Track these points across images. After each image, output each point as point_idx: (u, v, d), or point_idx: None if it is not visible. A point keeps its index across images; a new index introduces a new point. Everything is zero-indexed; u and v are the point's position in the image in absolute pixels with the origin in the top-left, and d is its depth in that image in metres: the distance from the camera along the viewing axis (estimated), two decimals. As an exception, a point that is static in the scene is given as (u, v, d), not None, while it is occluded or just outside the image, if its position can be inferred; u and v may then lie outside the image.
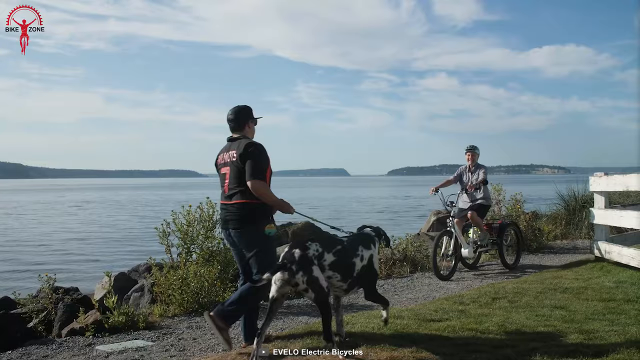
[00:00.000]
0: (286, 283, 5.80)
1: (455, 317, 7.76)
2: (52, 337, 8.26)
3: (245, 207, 6.58)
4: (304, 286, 5.79)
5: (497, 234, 12.68)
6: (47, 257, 25.58)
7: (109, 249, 28.03)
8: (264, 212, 6.63)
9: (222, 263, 9.35)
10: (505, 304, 8.61)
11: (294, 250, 5.93)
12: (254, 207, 6.57)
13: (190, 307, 8.76)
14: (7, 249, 28.56)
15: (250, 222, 6.57)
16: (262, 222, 6.58)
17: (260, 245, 6.49)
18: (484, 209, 12.58)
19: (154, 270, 9.19)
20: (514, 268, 12.44)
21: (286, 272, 5.78)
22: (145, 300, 9.90)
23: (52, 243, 31.27)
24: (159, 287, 8.99)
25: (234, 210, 6.62)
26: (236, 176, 6.63)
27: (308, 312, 8.79)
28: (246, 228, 6.57)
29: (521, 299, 8.90)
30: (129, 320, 7.98)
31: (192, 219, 9.49)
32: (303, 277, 5.77)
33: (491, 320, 7.51)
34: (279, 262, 5.92)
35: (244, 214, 6.57)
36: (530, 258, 14.00)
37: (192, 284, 8.68)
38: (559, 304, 8.50)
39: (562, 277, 10.78)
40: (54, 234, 36.66)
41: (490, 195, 12.98)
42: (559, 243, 16.44)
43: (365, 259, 6.45)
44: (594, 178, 12.36)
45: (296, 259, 5.84)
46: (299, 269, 5.79)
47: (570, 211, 18.66)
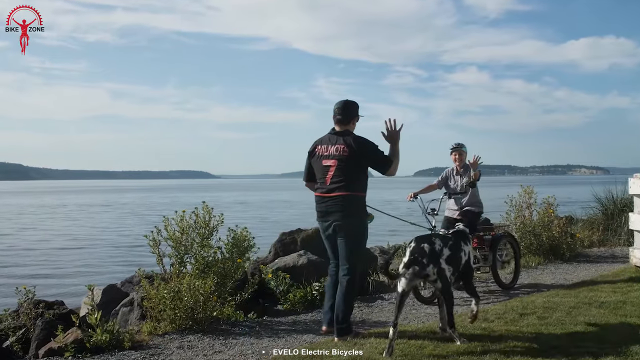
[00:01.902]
0: (416, 276, 6.91)
1: (477, 336, 7.46)
2: (29, 357, 8.01)
3: (349, 199, 7.53)
4: (434, 277, 6.90)
5: (489, 248, 11.38)
6: (38, 266, 25.37)
7: (108, 257, 27.71)
8: (364, 204, 7.73)
9: (220, 274, 9.01)
10: (534, 320, 8.28)
11: (423, 244, 6.98)
12: (357, 199, 7.60)
13: (183, 324, 8.42)
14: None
15: (354, 214, 7.58)
16: (364, 213, 7.70)
17: (362, 235, 7.69)
18: (475, 216, 11.17)
19: (143, 283, 8.84)
20: (510, 288, 11.17)
21: (417, 266, 6.82)
22: (134, 315, 9.63)
23: (47, 250, 31.10)
24: (149, 302, 8.67)
25: (338, 203, 7.55)
26: (342, 169, 7.54)
27: (314, 329, 8.47)
28: (350, 219, 7.54)
29: (552, 315, 8.56)
30: (114, 339, 7.66)
31: (186, 225, 9.15)
32: (433, 269, 6.88)
33: (518, 339, 7.24)
34: (409, 257, 6.88)
35: (348, 206, 7.53)
36: (564, 267, 13.65)
37: (185, 298, 8.36)
38: (593, 320, 8.17)
39: (598, 290, 10.42)
40: (50, 239, 36.56)
41: (481, 200, 11.48)
42: (596, 251, 16.08)
43: (466, 254, 7.58)
44: (634, 179, 12.02)
45: (426, 252, 6.91)
46: (430, 262, 6.87)
47: (608, 216, 18.29)
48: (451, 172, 11.65)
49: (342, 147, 7.58)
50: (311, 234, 12.96)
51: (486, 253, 11.36)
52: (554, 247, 14.64)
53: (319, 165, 7.78)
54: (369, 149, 7.59)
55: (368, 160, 7.61)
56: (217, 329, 8.49)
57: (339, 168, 7.56)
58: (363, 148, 7.56)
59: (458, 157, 11.47)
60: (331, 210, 7.61)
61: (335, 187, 7.56)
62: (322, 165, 7.72)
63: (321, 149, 7.79)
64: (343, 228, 7.55)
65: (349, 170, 7.54)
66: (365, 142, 7.61)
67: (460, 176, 11.47)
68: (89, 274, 22.60)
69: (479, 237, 11.33)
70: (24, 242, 35.45)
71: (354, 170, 7.57)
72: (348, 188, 7.52)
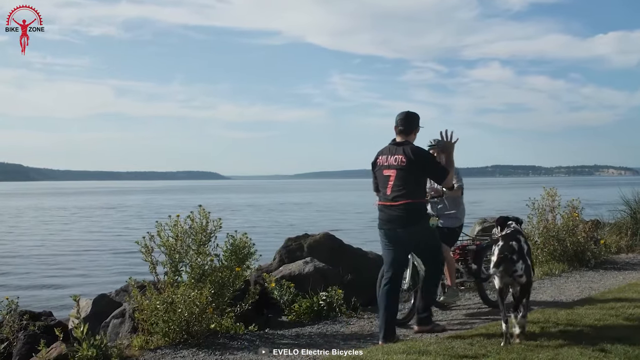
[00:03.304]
0: (506, 273, 7.60)
1: (494, 352, 7.28)
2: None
3: (411, 207, 8.17)
4: (521, 272, 7.64)
5: (474, 260, 10.47)
6: (30, 274, 25.26)
7: (107, 264, 27.62)
8: (426, 210, 8.57)
9: (217, 284, 8.81)
10: (556, 335, 8.04)
11: (512, 242, 7.74)
12: (418, 206, 8.30)
13: (176, 338, 8.24)
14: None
15: (417, 221, 8.27)
16: (426, 219, 8.48)
17: (430, 239, 8.56)
18: (454, 235, 10.27)
19: (135, 293, 8.63)
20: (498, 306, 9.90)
21: (508, 264, 7.56)
22: (125, 328, 9.43)
23: (41, 256, 30.88)
24: (141, 314, 8.49)
25: (400, 211, 8.17)
26: (402, 179, 8.19)
27: (319, 344, 8.33)
28: (414, 226, 8.23)
29: (575, 329, 8.35)
30: (101, 354, 7.49)
31: (181, 231, 8.96)
32: (522, 265, 7.65)
33: (538, 356, 7.03)
34: (500, 255, 7.61)
35: (410, 214, 8.17)
36: (589, 275, 13.41)
37: (179, 309, 8.16)
38: (621, 335, 7.92)
39: (626, 301, 10.16)
40: (45, 245, 36.41)
41: (464, 209, 10.43)
42: (624, 257, 15.84)
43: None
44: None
45: (515, 249, 7.68)
46: (519, 258, 7.65)
47: (637, 220, 18.02)
48: None
49: (400, 158, 8.26)
50: (319, 240, 12.71)
51: (470, 266, 10.50)
52: (578, 254, 14.39)
53: (381, 175, 8.45)
54: (426, 160, 8.36)
55: (425, 170, 8.38)
56: (214, 342, 8.33)
57: (398, 177, 8.23)
58: (420, 158, 8.27)
59: (436, 155, 9.83)
60: (394, 219, 8.26)
61: (397, 195, 8.21)
62: (383, 175, 8.40)
63: (382, 159, 8.49)
64: (406, 235, 8.25)
65: (408, 179, 8.20)
66: (422, 153, 8.39)
67: None
68: (84, 284, 22.37)
69: (462, 248, 10.69)
70: (18, 247, 35.33)
71: (412, 179, 8.25)
72: (409, 196, 8.18)
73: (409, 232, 8.23)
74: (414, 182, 8.29)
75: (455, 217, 10.20)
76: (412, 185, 8.24)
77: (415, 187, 8.29)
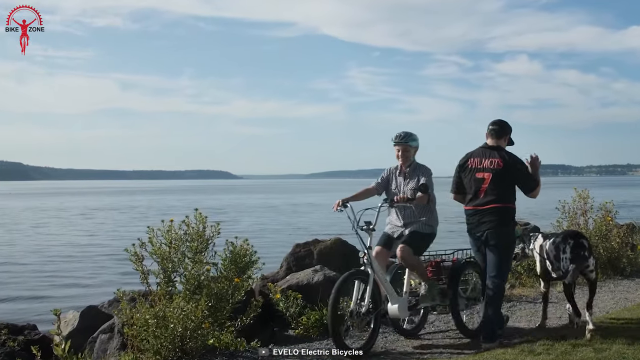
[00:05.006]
0: (579, 269, 8.86)
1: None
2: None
3: (503, 211, 8.67)
4: (592, 268, 9.02)
5: (449, 280, 9.30)
6: (19, 285, 24.81)
7: (108, 270, 27.41)
8: (514, 215, 8.93)
9: (215, 296, 8.58)
10: (589, 354, 7.88)
11: (582, 240, 9.04)
12: (509, 210, 8.76)
13: (169, 356, 7.95)
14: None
15: (507, 224, 8.74)
16: (514, 224, 9.00)
17: (511, 246, 9.03)
18: (422, 240, 9.16)
19: (124, 306, 8.32)
20: (478, 336, 9.04)
21: (582, 260, 8.83)
22: (114, 344, 9.19)
23: (35, 263, 30.60)
24: (131, 329, 8.21)
25: (492, 214, 8.63)
26: (496, 182, 8.65)
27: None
28: (502, 229, 8.66)
29: (611, 347, 8.12)
30: (84, 374, 7.21)
31: (175, 237, 8.71)
32: (593, 261, 9.07)
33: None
34: (572, 252, 8.84)
35: (502, 217, 8.65)
36: (624, 285, 13.24)
37: (172, 325, 7.87)
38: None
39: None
40: (40, 250, 36.21)
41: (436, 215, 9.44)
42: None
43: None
44: None
45: (587, 247, 8.97)
46: (590, 255, 9.01)
47: (675, 223, 17.66)
48: (394, 172, 9.57)
49: (496, 161, 8.71)
50: (330, 246, 12.43)
51: (444, 286, 9.30)
52: (612, 261, 14.26)
53: (473, 178, 8.83)
54: (522, 166, 8.83)
55: (518, 176, 8.80)
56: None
57: (493, 181, 8.67)
58: (516, 163, 8.77)
59: (402, 152, 9.34)
60: (485, 221, 8.69)
61: (490, 199, 8.67)
62: (476, 178, 8.80)
63: (474, 161, 8.88)
64: (495, 237, 8.64)
65: (502, 183, 8.69)
66: (517, 159, 8.85)
67: (405, 179, 9.41)
68: (80, 293, 22.13)
69: (435, 265, 9.43)
70: (13, 251, 35.33)
71: (506, 183, 8.74)
72: (502, 200, 8.67)
73: (496, 234, 8.63)
74: (507, 186, 8.75)
75: (427, 223, 9.14)
76: (505, 189, 8.72)
77: (508, 190, 8.77)
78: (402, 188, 9.29)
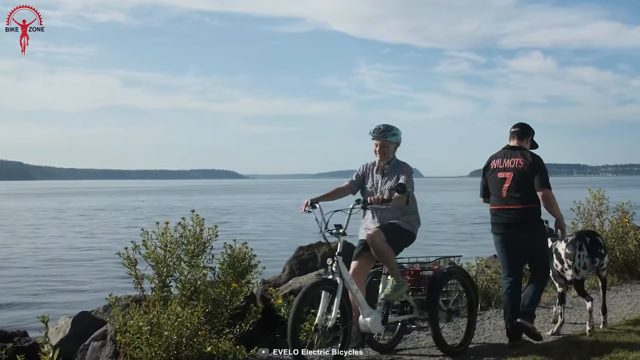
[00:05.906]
0: (593, 266, 9.40)
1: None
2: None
3: (527, 211, 8.77)
4: (604, 266, 9.62)
5: (428, 291, 8.56)
6: (14, 289, 24.78)
7: (106, 274, 27.32)
8: (540, 215, 8.97)
9: (212, 302, 8.48)
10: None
11: (597, 237, 9.60)
12: (535, 210, 8.84)
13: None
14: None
15: (533, 225, 8.87)
16: (541, 223, 9.09)
17: (543, 245, 9.27)
18: (401, 235, 8.43)
19: (116, 312, 8.22)
20: (459, 353, 8.59)
21: (597, 258, 9.35)
22: (106, 352, 9.14)
23: (30, 268, 30.56)
24: (123, 336, 8.11)
25: (516, 214, 8.77)
26: (519, 182, 8.75)
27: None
28: (530, 230, 8.83)
29: (628, 356, 7.95)
30: (73, 384, 7.09)
31: (170, 240, 8.62)
32: (607, 259, 9.73)
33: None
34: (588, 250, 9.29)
35: (527, 217, 8.77)
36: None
37: (166, 332, 7.77)
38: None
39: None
40: (37, 253, 36.15)
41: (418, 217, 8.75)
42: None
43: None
44: None
45: (602, 245, 9.50)
46: (605, 253, 9.59)
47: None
48: (371, 168, 8.84)
49: (518, 160, 8.83)
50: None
51: (423, 298, 8.62)
52: (629, 264, 14.23)
53: (495, 178, 8.97)
54: (542, 165, 8.90)
55: (539, 175, 8.78)
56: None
57: (515, 180, 8.76)
58: (538, 163, 8.85)
59: (380, 148, 8.61)
60: (509, 222, 8.82)
61: (512, 199, 8.77)
62: (498, 178, 8.92)
63: (496, 162, 9.02)
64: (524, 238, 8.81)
65: (524, 182, 8.75)
66: (539, 158, 8.94)
67: (383, 177, 8.69)
68: (75, 301, 21.86)
69: (414, 274, 8.67)
70: (11, 255, 35.43)
71: (529, 182, 8.76)
72: (525, 200, 8.75)
73: (524, 236, 8.78)
74: (530, 185, 8.77)
75: (407, 221, 8.44)
76: (528, 189, 8.74)
77: (530, 190, 8.77)
78: (379, 187, 8.58)
